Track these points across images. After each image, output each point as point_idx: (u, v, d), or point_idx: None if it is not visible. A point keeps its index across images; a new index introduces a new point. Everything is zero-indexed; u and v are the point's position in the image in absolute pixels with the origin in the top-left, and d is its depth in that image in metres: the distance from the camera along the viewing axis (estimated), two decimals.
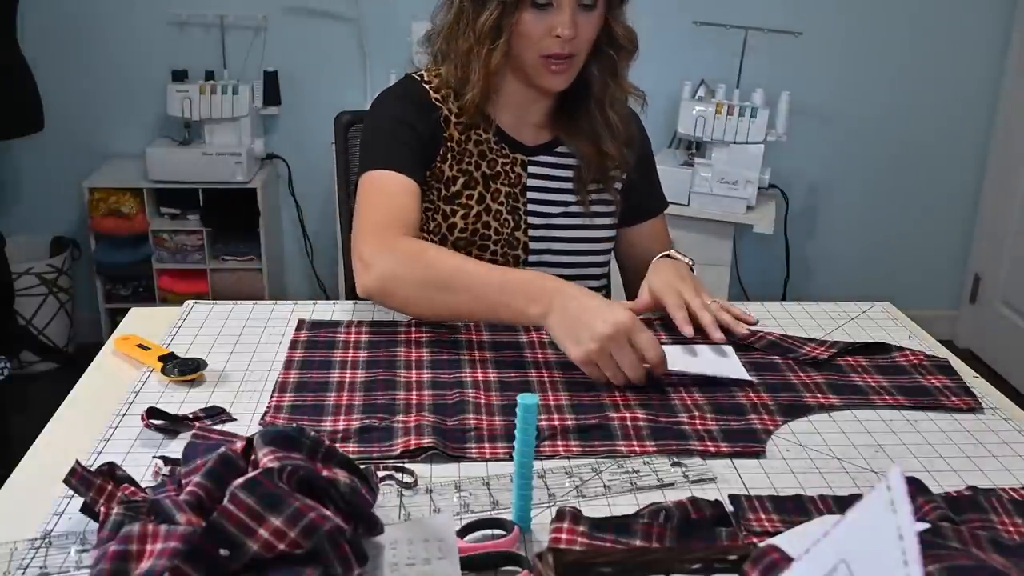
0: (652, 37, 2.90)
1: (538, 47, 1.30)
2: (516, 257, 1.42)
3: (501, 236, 1.40)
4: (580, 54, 1.33)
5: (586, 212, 1.44)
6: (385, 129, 1.38)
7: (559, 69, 1.32)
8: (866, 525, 0.51)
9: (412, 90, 1.40)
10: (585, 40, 1.32)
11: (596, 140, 1.41)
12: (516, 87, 1.38)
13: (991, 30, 3.07)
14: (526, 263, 1.42)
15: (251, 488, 0.69)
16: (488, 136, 1.40)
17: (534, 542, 0.81)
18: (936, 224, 3.28)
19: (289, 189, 3.10)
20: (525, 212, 1.42)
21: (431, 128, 1.37)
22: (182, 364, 1.10)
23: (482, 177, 1.40)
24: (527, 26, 1.29)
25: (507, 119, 1.41)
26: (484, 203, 1.39)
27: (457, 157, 1.39)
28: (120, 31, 2.93)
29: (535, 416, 0.80)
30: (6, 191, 3.05)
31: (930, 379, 1.15)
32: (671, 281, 1.30)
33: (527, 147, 1.43)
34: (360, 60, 2.97)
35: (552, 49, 1.30)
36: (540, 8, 1.29)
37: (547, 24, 1.29)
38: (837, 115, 3.10)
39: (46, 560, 0.77)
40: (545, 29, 1.29)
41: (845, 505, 0.86)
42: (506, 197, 1.41)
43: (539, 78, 1.34)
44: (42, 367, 2.94)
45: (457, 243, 1.39)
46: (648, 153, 1.54)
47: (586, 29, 1.31)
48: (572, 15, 1.28)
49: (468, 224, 1.38)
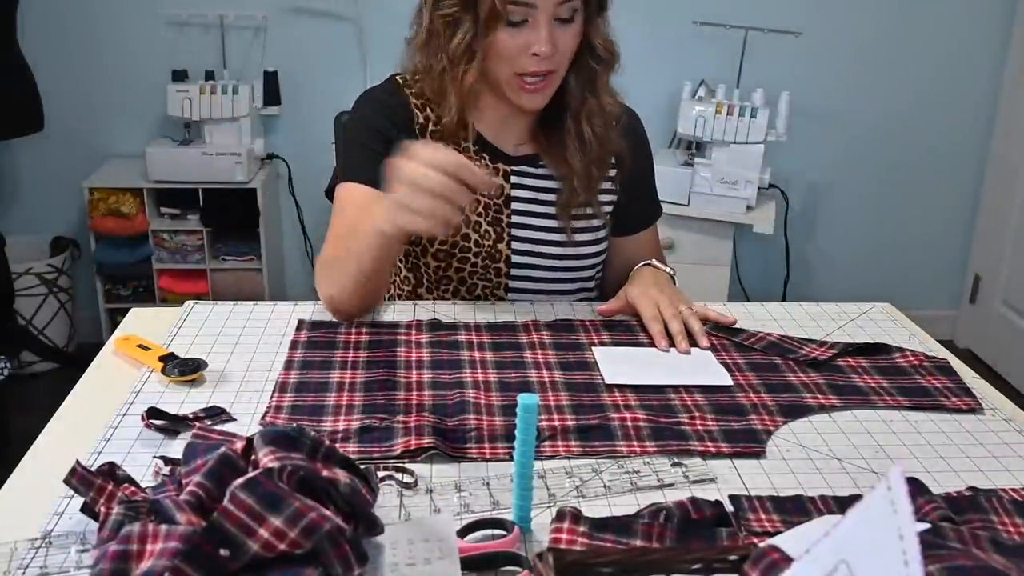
0: (652, 37, 2.95)
1: (513, 65, 1.26)
2: (498, 270, 1.38)
3: (482, 248, 1.37)
4: (559, 70, 1.28)
5: (569, 241, 1.39)
6: (356, 140, 1.36)
7: (534, 88, 1.27)
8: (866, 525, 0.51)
9: (390, 96, 1.36)
10: (564, 56, 1.27)
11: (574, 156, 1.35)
12: (493, 101, 1.34)
13: (991, 30, 3.07)
14: (508, 276, 1.39)
15: (251, 488, 0.69)
16: (468, 145, 1.36)
17: (534, 542, 0.81)
18: (936, 224, 3.28)
19: (289, 189, 3.10)
20: (508, 224, 1.38)
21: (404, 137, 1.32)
22: (182, 364, 1.10)
23: None
24: (502, 44, 1.25)
25: (488, 129, 1.38)
26: (463, 215, 1.37)
27: None
28: (120, 31, 2.93)
29: (535, 416, 0.80)
30: (6, 191, 3.05)
31: (930, 380, 1.15)
32: (649, 292, 1.29)
33: (510, 157, 1.39)
34: (360, 60, 2.97)
35: (528, 67, 1.25)
36: (515, 26, 1.24)
37: (523, 41, 1.24)
38: (837, 115, 3.10)
39: (46, 560, 0.77)
40: (521, 47, 1.24)
41: (845, 505, 0.86)
42: (486, 208, 1.37)
43: (514, 97, 1.30)
44: (42, 367, 2.94)
45: (436, 255, 1.37)
46: (647, 160, 1.49)
47: (564, 44, 1.26)
48: (549, 32, 1.23)
49: (447, 236, 1.36)
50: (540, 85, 1.28)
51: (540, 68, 1.25)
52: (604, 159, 1.38)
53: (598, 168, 1.38)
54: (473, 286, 1.39)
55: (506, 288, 1.40)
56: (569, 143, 1.35)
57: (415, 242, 1.38)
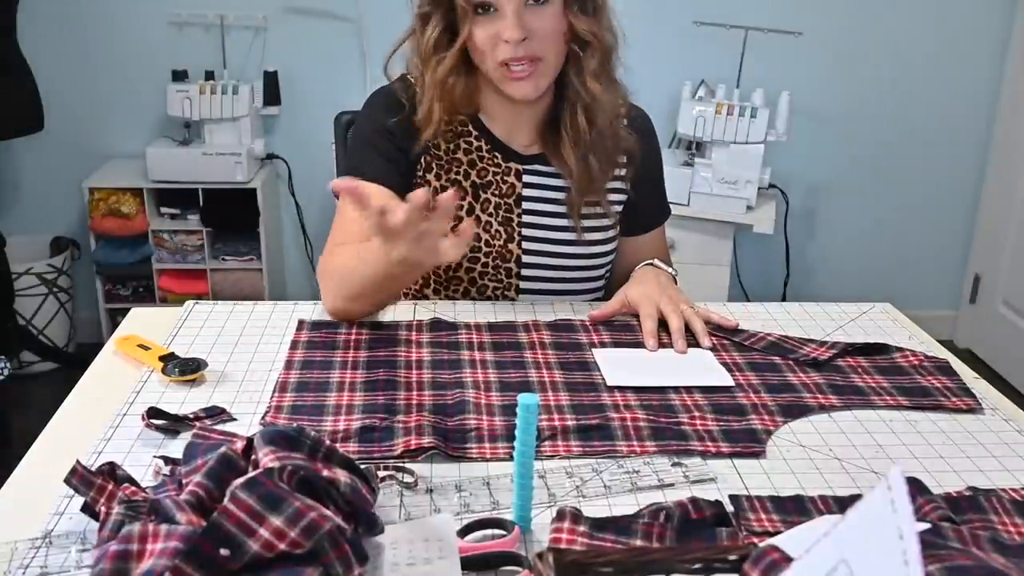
0: (652, 37, 2.95)
1: (494, 56, 1.25)
2: (508, 270, 1.38)
3: (492, 248, 1.37)
4: (546, 57, 1.26)
5: (579, 240, 1.38)
6: (365, 137, 1.36)
7: (519, 75, 1.25)
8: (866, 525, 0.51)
9: (400, 96, 1.36)
10: (543, 39, 1.24)
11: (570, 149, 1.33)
12: (502, 101, 1.33)
13: (991, 30, 3.07)
14: (519, 276, 1.39)
15: (251, 488, 0.69)
16: (480, 144, 1.36)
17: (534, 542, 0.81)
18: (936, 224, 3.28)
19: (289, 189, 3.10)
20: (519, 224, 1.38)
21: (413, 137, 1.34)
22: (182, 364, 1.10)
23: (471, 187, 1.36)
24: (477, 37, 1.25)
25: (500, 127, 1.37)
26: (473, 214, 1.36)
27: (444, 167, 1.36)
28: (120, 31, 2.93)
29: (535, 416, 0.80)
30: (6, 191, 3.05)
31: (930, 380, 1.15)
32: (649, 292, 1.29)
33: (522, 156, 1.38)
34: (360, 60, 2.97)
35: (506, 55, 1.24)
36: (485, 15, 1.24)
37: (495, 30, 1.23)
38: (837, 115, 3.10)
39: (46, 560, 0.77)
40: (494, 36, 1.24)
41: (845, 505, 0.86)
42: (496, 208, 1.37)
43: (504, 87, 1.28)
44: (42, 367, 2.94)
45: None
46: (657, 159, 1.48)
47: (540, 27, 1.23)
48: (515, 16, 1.21)
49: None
50: (524, 72, 1.25)
51: (517, 54, 1.24)
52: (605, 152, 1.36)
53: (599, 162, 1.35)
54: (484, 287, 1.39)
55: (517, 289, 1.40)
56: (565, 136, 1.34)
57: None
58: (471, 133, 1.36)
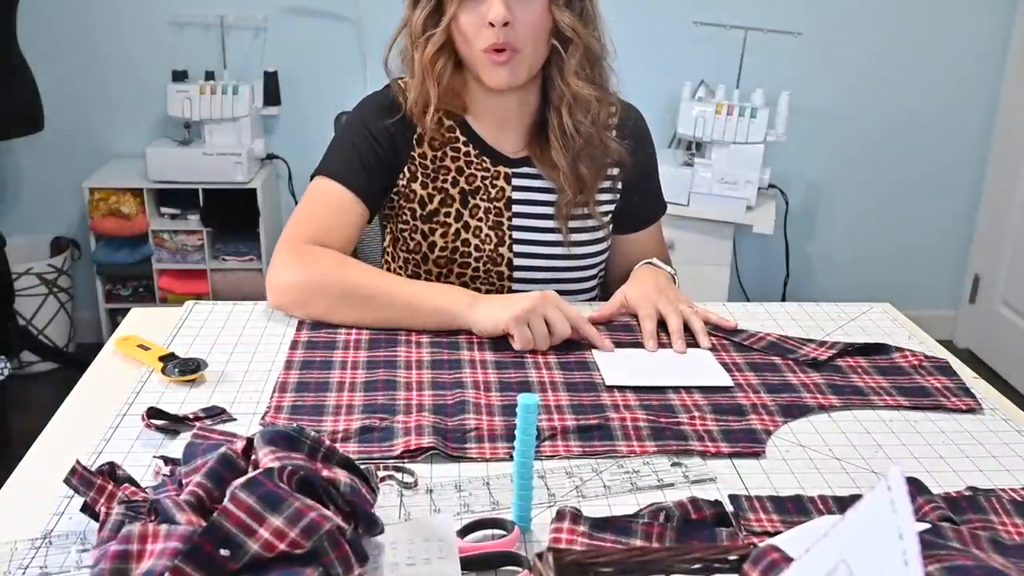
0: (652, 37, 2.95)
1: (477, 42, 1.25)
2: (500, 274, 1.38)
3: (483, 253, 1.37)
4: (524, 49, 1.25)
5: (565, 241, 1.38)
6: (349, 139, 1.36)
7: (498, 60, 1.25)
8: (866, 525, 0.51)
9: (390, 102, 1.35)
10: (525, 31, 1.24)
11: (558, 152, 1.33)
12: (491, 104, 1.34)
13: (991, 30, 3.07)
14: (511, 279, 1.39)
15: (251, 488, 0.69)
16: (468, 149, 1.36)
17: (534, 542, 0.81)
18: (936, 224, 3.28)
19: (289, 189, 3.10)
20: (509, 227, 1.38)
21: (398, 145, 1.35)
22: (182, 364, 1.10)
23: (459, 194, 1.36)
24: (462, 21, 1.25)
25: (488, 130, 1.37)
26: (462, 220, 1.36)
27: (431, 175, 1.36)
28: (120, 31, 2.93)
29: (535, 416, 0.80)
30: (6, 191, 3.05)
31: (930, 380, 1.15)
32: (648, 293, 1.29)
33: (510, 159, 1.38)
34: (360, 60, 2.97)
35: (489, 40, 1.24)
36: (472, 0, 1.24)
37: (481, 15, 1.23)
38: (837, 115, 3.10)
39: (46, 560, 0.77)
40: (479, 21, 1.24)
41: (845, 505, 0.86)
42: (486, 213, 1.37)
43: (483, 74, 1.28)
44: (42, 367, 2.94)
45: (438, 261, 1.37)
46: (650, 156, 1.48)
47: (524, 19, 1.24)
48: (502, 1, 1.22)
49: (448, 243, 1.36)
50: (502, 59, 1.25)
51: (499, 40, 1.23)
52: (592, 159, 1.35)
53: (587, 166, 1.35)
54: (476, 290, 1.39)
55: (509, 291, 1.40)
56: (552, 139, 1.34)
57: (414, 250, 1.38)
58: (459, 139, 1.36)
